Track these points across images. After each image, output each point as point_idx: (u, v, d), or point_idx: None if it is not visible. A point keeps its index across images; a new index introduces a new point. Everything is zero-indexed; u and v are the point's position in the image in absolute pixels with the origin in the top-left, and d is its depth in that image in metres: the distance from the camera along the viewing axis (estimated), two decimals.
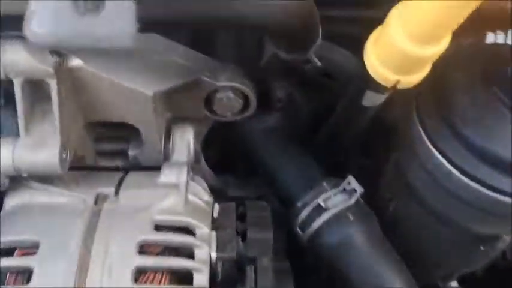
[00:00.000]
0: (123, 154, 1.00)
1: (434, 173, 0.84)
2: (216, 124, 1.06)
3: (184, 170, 0.90)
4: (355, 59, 0.94)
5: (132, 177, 0.93)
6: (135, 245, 0.79)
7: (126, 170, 0.97)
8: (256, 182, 1.18)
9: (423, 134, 0.82)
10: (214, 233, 0.86)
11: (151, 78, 0.87)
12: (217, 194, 1.13)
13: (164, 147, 0.97)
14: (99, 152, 1.01)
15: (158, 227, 0.83)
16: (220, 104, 0.98)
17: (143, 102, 0.87)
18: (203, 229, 0.85)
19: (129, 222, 0.83)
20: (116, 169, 1.00)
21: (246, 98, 0.98)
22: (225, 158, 1.20)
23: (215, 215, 0.91)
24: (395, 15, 0.67)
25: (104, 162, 1.02)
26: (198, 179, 1.02)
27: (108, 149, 1.01)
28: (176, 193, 0.88)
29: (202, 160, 1.11)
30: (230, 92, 0.97)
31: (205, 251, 0.81)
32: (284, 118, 1.09)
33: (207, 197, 0.94)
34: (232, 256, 0.82)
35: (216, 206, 0.93)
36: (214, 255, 0.83)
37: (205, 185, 1.04)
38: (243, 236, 0.87)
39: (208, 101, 0.99)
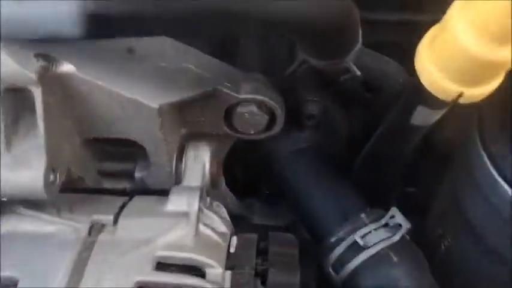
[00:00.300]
0: (129, 176, 0.87)
1: (499, 208, 0.68)
2: (238, 143, 0.92)
3: (196, 196, 0.76)
4: (402, 69, 0.79)
5: (137, 203, 0.80)
6: (131, 286, 0.66)
7: (132, 194, 0.83)
8: (285, 208, 1.04)
9: (487, 161, 0.67)
10: (229, 273, 0.72)
11: (158, 88, 0.74)
12: (239, 221, 1.00)
13: (176, 169, 0.83)
14: (103, 173, 0.88)
15: (161, 265, 0.70)
16: (241, 119, 0.84)
17: (147, 116, 0.73)
18: (215, 268, 0.71)
19: (126, 258, 0.69)
20: (122, 193, 0.86)
21: (272, 114, 0.84)
22: (249, 181, 1.06)
23: (231, 250, 0.77)
24: (458, 7, 0.51)
25: (108, 184, 0.89)
26: (216, 205, 0.89)
27: (112, 170, 0.88)
28: (185, 224, 0.74)
29: (223, 184, 0.97)
30: (253, 105, 0.83)
31: None
32: (317, 137, 0.95)
33: (223, 228, 0.80)
34: None
35: (234, 239, 0.80)
36: None
37: (224, 212, 0.91)
38: (263, 278, 0.72)
39: (228, 116, 0.85)
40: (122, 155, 0.87)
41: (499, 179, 0.66)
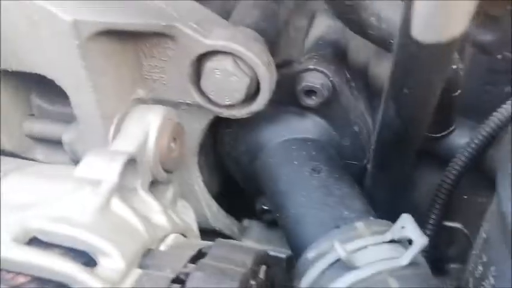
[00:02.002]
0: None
1: None
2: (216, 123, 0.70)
3: (119, 162, 0.54)
4: None
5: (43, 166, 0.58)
6: None
7: None
8: None
9: None
10: (136, 272, 0.48)
11: (88, 3, 0.54)
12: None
13: (115, 134, 0.61)
14: (34, 138, 0.68)
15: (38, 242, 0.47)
16: (212, 81, 0.62)
17: (62, 37, 0.53)
18: (113, 261, 0.48)
19: None
20: None
21: (255, 78, 0.62)
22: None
23: (162, 247, 0.54)
24: None
25: (41, 155, 0.69)
26: (181, 205, 0.67)
27: (44, 133, 0.67)
28: (89, 193, 0.51)
29: (199, 184, 0.74)
30: (227, 60, 0.61)
31: None
32: (322, 129, 0.70)
33: (162, 221, 0.57)
34: None
35: (171, 237, 0.56)
36: None
37: (189, 216, 0.69)
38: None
39: (197, 78, 0.63)
40: (55, 113, 0.66)
41: None
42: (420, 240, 0.51)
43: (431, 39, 0.39)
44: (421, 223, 0.74)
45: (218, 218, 0.79)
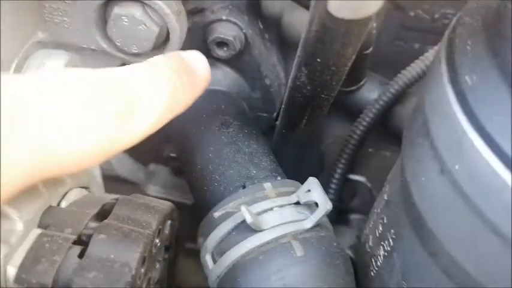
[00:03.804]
0: None
1: (464, 185, 0.42)
2: None
3: None
4: None
5: None
6: None
7: None
8: None
9: (455, 104, 0.40)
10: (35, 233, 0.47)
11: None
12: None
13: None
14: None
15: None
16: (120, 28, 0.59)
17: None
18: (11, 220, 0.46)
19: None
20: None
21: (165, 28, 0.59)
22: None
23: (63, 204, 0.52)
24: None
25: None
26: None
27: None
28: None
29: None
30: (136, 7, 0.58)
31: None
32: (234, 81, 0.69)
33: None
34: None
35: (73, 192, 0.54)
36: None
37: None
38: (83, 251, 0.46)
39: (103, 21, 0.60)
40: None
41: (473, 136, 0.39)
42: (325, 204, 0.52)
43: (348, 16, 0.38)
44: (327, 176, 0.76)
45: (123, 164, 0.77)
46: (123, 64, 0.64)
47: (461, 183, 0.41)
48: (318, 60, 0.45)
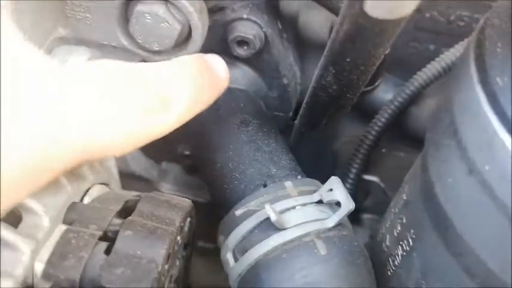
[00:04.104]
0: None
1: (492, 185, 0.42)
2: None
3: None
4: None
5: None
6: None
7: None
8: None
9: (485, 103, 0.41)
10: (61, 228, 0.47)
11: None
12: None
13: None
14: None
15: None
16: (141, 25, 0.59)
17: None
18: (37, 216, 0.46)
19: None
20: None
21: (187, 25, 0.59)
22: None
23: (86, 200, 0.52)
24: None
25: None
26: None
27: None
28: None
29: None
30: (159, 4, 0.58)
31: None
32: (253, 79, 0.69)
33: (85, 168, 0.55)
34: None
35: (96, 188, 0.55)
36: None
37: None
38: (109, 247, 0.46)
39: (125, 21, 0.60)
40: None
41: (504, 137, 0.40)
42: (348, 203, 0.52)
43: (382, 16, 0.38)
44: (341, 175, 0.76)
45: (138, 161, 0.78)
46: (143, 61, 0.64)
47: (491, 184, 0.41)
48: (347, 59, 0.46)
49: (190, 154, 0.76)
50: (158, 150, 0.82)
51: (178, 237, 0.54)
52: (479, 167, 0.42)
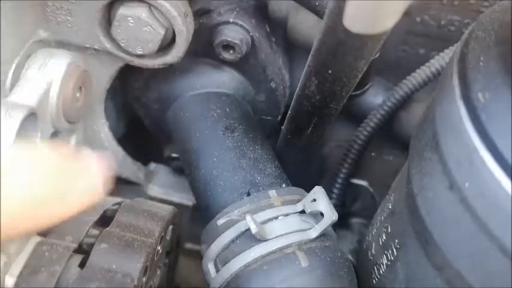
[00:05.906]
0: None
1: (471, 201, 0.41)
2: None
3: (17, 117, 0.49)
4: None
5: None
6: None
7: None
8: None
9: (466, 119, 0.40)
10: (34, 241, 0.46)
11: None
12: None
13: (13, 81, 0.56)
14: None
15: None
16: (125, 29, 0.58)
17: None
18: None
19: None
20: None
21: (171, 30, 0.58)
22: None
23: None
24: None
25: None
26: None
27: None
28: None
29: (104, 129, 0.71)
30: (142, 8, 0.57)
31: None
32: (239, 84, 0.68)
33: None
34: None
35: None
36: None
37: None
38: (84, 260, 0.45)
39: (108, 23, 0.59)
40: None
41: (485, 155, 0.39)
42: (331, 214, 0.51)
43: (363, 31, 0.37)
44: (329, 179, 0.75)
45: (124, 165, 0.77)
46: (126, 64, 0.63)
47: (470, 201, 0.40)
48: (329, 71, 0.45)
49: (179, 157, 0.75)
50: (146, 152, 0.82)
51: (159, 247, 0.53)
52: (459, 183, 0.41)
